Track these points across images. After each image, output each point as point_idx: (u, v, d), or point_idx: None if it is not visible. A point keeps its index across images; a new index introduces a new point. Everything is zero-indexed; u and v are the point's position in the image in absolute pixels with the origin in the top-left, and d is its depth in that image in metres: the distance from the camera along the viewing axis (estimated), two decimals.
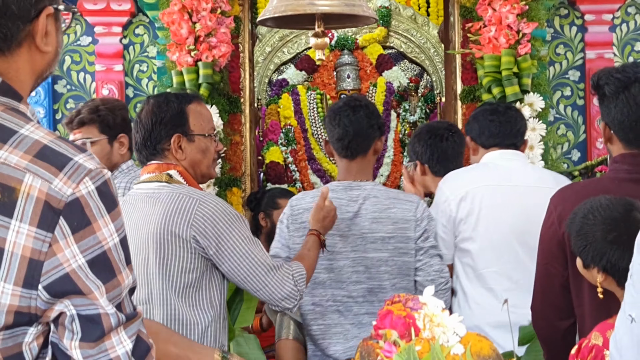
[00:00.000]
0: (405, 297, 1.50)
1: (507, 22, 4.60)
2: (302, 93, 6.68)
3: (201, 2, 4.66)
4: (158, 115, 2.64)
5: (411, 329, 1.46)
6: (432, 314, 1.49)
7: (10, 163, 1.19)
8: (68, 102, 5.32)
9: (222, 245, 2.48)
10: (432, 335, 1.47)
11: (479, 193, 3.14)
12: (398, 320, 1.46)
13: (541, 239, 2.55)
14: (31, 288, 1.20)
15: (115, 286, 1.25)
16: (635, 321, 1.60)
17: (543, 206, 3.11)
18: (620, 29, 5.32)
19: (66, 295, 1.21)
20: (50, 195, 1.19)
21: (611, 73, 2.49)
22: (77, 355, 1.23)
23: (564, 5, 5.31)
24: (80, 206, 1.21)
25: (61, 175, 1.20)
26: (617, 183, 2.42)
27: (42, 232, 1.19)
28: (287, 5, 2.60)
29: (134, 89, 5.32)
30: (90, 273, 1.22)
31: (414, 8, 6.95)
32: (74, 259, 1.20)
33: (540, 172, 3.38)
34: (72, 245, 1.20)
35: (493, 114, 3.30)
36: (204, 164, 2.68)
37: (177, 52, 4.66)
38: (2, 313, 1.18)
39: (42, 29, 1.31)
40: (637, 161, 2.43)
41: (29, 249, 1.18)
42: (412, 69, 6.93)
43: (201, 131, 2.66)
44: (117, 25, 5.26)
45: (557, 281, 2.48)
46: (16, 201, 1.18)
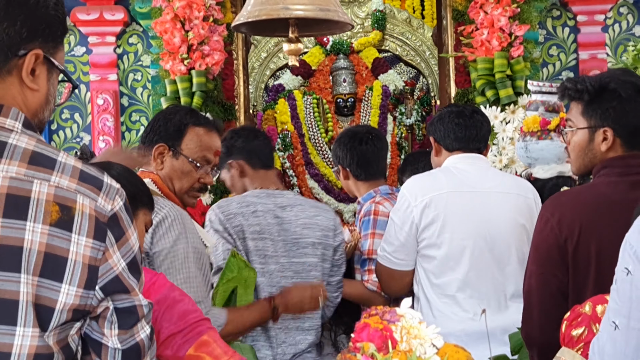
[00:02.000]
0: (382, 309, 1.50)
1: (499, 24, 4.62)
2: (299, 98, 6.68)
3: (193, 10, 4.68)
4: (160, 121, 2.65)
5: (388, 341, 1.46)
6: (410, 326, 1.49)
7: (64, 186, 1.41)
8: (63, 112, 5.34)
9: (167, 260, 2.46)
10: (409, 347, 1.47)
11: (443, 200, 3.11)
12: (375, 333, 1.47)
13: (537, 247, 2.48)
14: (90, 289, 1.43)
15: (142, 283, 1.52)
16: (618, 328, 1.61)
17: (506, 211, 3.12)
18: (612, 29, 5.33)
19: (116, 293, 1.46)
20: (97, 211, 1.43)
21: (619, 76, 2.48)
22: (114, 341, 1.48)
23: (556, 7, 5.32)
24: (117, 219, 1.46)
25: (101, 194, 1.45)
26: (612, 186, 2.41)
27: (97, 242, 1.43)
28: (261, 10, 2.58)
29: (129, 98, 5.34)
30: (129, 274, 1.48)
31: (409, 11, 6.95)
32: (119, 263, 1.46)
33: (502, 176, 3.35)
34: (116, 252, 1.45)
35: (459, 117, 3.25)
36: (178, 185, 2.64)
37: (170, 61, 4.68)
38: (65, 311, 1.41)
39: (27, 65, 1.46)
40: (627, 163, 2.43)
41: (87, 257, 1.42)
42: (407, 71, 6.93)
43: (189, 154, 2.63)
44: (110, 35, 5.29)
45: (556, 289, 2.42)
46: (74, 217, 1.41)
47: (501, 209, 3.12)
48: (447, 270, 3.10)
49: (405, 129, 6.86)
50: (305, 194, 6.27)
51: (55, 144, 5.31)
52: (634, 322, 1.58)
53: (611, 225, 2.27)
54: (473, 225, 3.08)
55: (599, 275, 2.37)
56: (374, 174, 3.54)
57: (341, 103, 6.50)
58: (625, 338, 1.60)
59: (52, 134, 5.31)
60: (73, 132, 5.35)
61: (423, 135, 6.92)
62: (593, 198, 2.44)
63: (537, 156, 3.57)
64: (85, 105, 5.33)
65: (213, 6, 4.75)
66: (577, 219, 2.41)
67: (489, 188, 3.15)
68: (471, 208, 3.06)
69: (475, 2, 4.70)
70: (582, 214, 2.42)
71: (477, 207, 3.09)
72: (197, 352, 1.91)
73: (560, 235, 2.40)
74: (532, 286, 2.51)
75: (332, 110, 6.51)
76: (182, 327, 1.95)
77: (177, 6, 4.64)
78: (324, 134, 6.42)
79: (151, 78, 5.11)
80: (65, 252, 1.40)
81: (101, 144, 5.20)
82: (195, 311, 1.99)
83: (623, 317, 1.60)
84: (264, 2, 2.57)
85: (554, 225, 2.43)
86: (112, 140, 5.22)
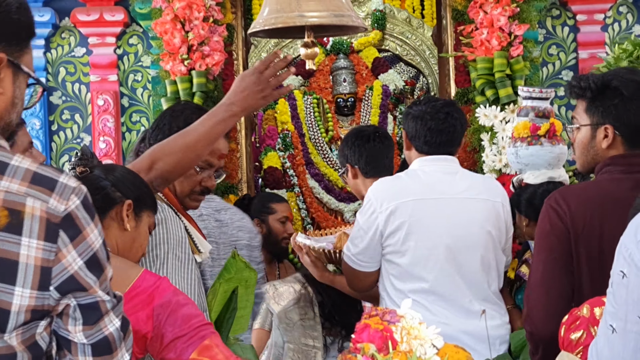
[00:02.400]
0: (383, 310, 1.51)
1: (499, 24, 4.62)
2: (299, 98, 6.69)
3: (193, 11, 4.68)
4: (166, 119, 2.61)
5: (389, 342, 1.47)
6: (410, 327, 1.50)
7: (13, 191, 1.43)
8: (63, 113, 5.35)
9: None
10: (409, 347, 1.48)
11: (409, 207, 3.10)
12: (375, 334, 1.47)
13: (545, 235, 2.50)
14: (45, 290, 1.44)
15: (105, 279, 1.51)
16: (616, 332, 1.61)
17: (473, 218, 3.12)
18: (612, 28, 5.33)
19: (71, 292, 1.47)
20: (49, 213, 1.43)
21: (623, 75, 2.49)
22: (79, 337, 1.50)
23: (556, 6, 5.32)
24: (72, 219, 1.46)
25: (54, 195, 1.45)
26: (616, 183, 2.45)
27: (48, 244, 1.43)
28: (277, 18, 2.60)
29: (129, 99, 5.35)
30: (87, 272, 1.47)
31: (409, 11, 6.95)
32: (75, 262, 1.46)
33: (471, 179, 3.29)
34: (71, 251, 1.45)
35: (433, 120, 3.21)
36: (179, 187, 2.59)
37: (170, 62, 4.69)
38: (22, 313, 1.43)
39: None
40: (629, 161, 2.46)
41: (39, 259, 1.43)
42: (407, 71, 6.93)
43: None
44: (110, 35, 5.28)
45: (564, 277, 2.44)
46: (23, 221, 1.42)
47: (468, 215, 3.12)
48: (411, 278, 3.09)
49: None
50: (306, 193, 6.28)
51: (55, 145, 5.32)
52: (631, 325, 1.57)
53: (614, 222, 2.27)
54: (438, 233, 3.06)
55: (600, 272, 2.38)
56: (382, 171, 3.53)
57: (341, 103, 6.51)
58: (622, 341, 1.59)
59: (53, 135, 5.31)
60: (73, 133, 5.35)
61: None
62: (598, 194, 2.47)
63: (527, 162, 3.57)
64: (86, 106, 5.33)
65: (213, 7, 4.76)
66: (583, 212, 2.45)
67: (457, 194, 3.14)
68: (437, 215, 3.03)
69: (475, 2, 4.70)
70: (588, 208, 2.45)
71: (443, 215, 3.07)
72: (200, 357, 1.92)
73: (567, 225, 2.43)
74: (538, 276, 2.50)
75: (333, 110, 6.53)
76: (186, 331, 1.96)
77: (177, 7, 4.65)
78: (325, 134, 6.43)
79: (151, 79, 5.11)
80: (16, 256, 1.42)
81: (102, 145, 5.20)
82: (198, 315, 2.00)
83: (620, 321, 1.60)
84: (279, 10, 2.59)
85: (562, 215, 2.45)
86: (112, 141, 5.23)
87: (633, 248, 1.57)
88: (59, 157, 5.33)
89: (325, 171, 6.54)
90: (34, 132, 5.19)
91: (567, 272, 2.45)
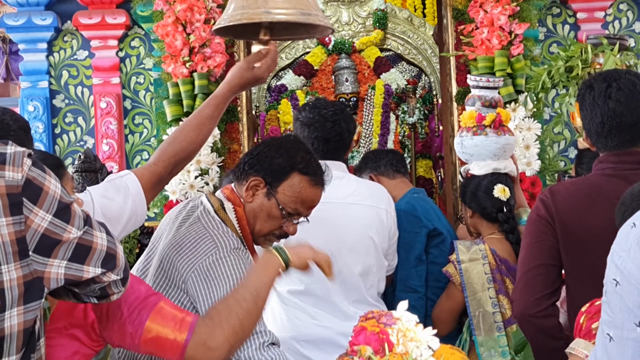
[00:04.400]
0: (379, 312, 1.53)
1: (499, 23, 4.63)
2: (301, 98, 6.71)
3: (194, 13, 4.70)
4: (271, 152, 2.49)
5: (385, 344, 1.49)
6: (406, 329, 1.52)
7: None
8: (67, 116, 5.37)
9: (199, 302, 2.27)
10: (405, 349, 1.50)
11: None
12: (372, 336, 1.49)
13: (533, 221, 2.60)
14: (25, 257, 1.49)
15: (74, 215, 1.56)
16: (613, 340, 1.61)
17: (356, 223, 3.13)
18: (612, 25, 5.34)
19: (52, 251, 1.52)
20: (8, 186, 1.47)
21: (594, 77, 2.57)
22: (92, 271, 1.58)
23: (556, 4, 5.33)
24: (31, 181, 1.50)
25: (7, 167, 1.48)
26: (605, 178, 2.52)
27: (16, 217, 1.47)
28: (242, 14, 2.56)
29: (132, 101, 5.37)
30: (58, 221, 1.52)
31: (410, 10, 6.97)
32: (44, 221, 1.50)
33: (356, 185, 3.26)
34: (38, 212, 1.50)
35: (320, 129, 3.20)
36: (258, 225, 2.46)
37: (172, 64, 4.70)
38: (14, 287, 1.48)
39: None
40: (621, 159, 2.52)
41: (12, 233, 1.47)
42: (409, 70, 6.95)
43: (282, 200, 2.46)
44: (112, 38, 5.31)
45: (544, 259, 2.53)
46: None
47: (351, 220, 3.12)
48: (289, 279, 3.06)
49: (408, 127, 6.87)
50: None
51: (59, 148, 5.34)
52: (627, 332, 1.57)
53: (599, 215, 2.40)
54: (321, 236, 2.96)
55: (582, 260, 2.49)
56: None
57: (344, 102, 6.53)
58: (620, 349, 1.59)
59: (56, 138, 5.34)
60: (77, 136, 5.38)
61: (426, 134, 6.93)
62: (586, 188, 2.55)
63: (472, 152, 3.48)
64: (89, 108, 5.35)
65: (214, 9, 4.77)
66: (569, 204, 2.53)
67: (342, 199, 3.13)
68: (320, 219, 2.96)
69: (475, 1, 4.71)
70: (574, 201, 2.53)
71: (327, 218, 3.03)
72: (153, 324, 1.86)
73: (553, 215, 2.52)
74: (521, 259, 2.61)
75: None
76: (136, 303, 1.88)
77: (178, 9, 4.66)
78: None
79: (153, 81, 5.13)
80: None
81: (105, 147, 5.23)
82: (148, 289, 1.93)
83: (617, 329, 1.60)
84: (245, 7, 2.56)
85: (548, 206, 2.54)
86: (115, 144, 5.25)
87: (624, 256, 1.58)
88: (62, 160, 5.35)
89: None
90: (38, 135, 5.22)
91: (549, 257, 2.53)
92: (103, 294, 1.65)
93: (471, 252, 3.34)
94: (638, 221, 1.61)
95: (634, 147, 2.51)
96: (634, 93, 2.48)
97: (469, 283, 3.31)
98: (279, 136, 2.98)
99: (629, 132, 2.49)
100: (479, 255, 3.32)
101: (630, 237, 1.58)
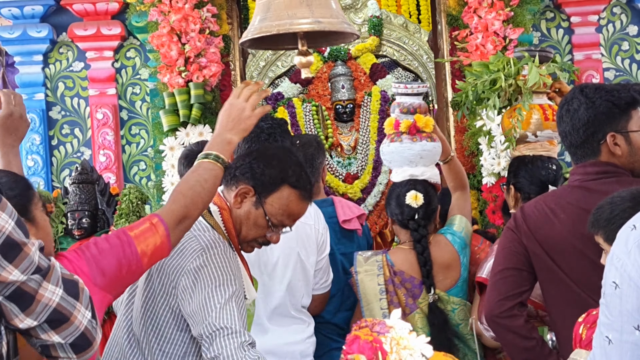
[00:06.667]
0: (372, 321, 1.53)
1: (493, 28, 4.64)
2: (298, 105, 6.71)
3: (189, 23, 4.71)
4: (262, 162, 2.49)
5: (378, 353, 1.49)
6: (399, 337, 1.52)
7: None
8: (63, 127, 5.38)
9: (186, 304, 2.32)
10: (399, 357, 1.50)
11: None
12: (365, 345, 1.50)
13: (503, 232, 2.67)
14: None
15: (25, 256, 1.48)
16: (612, 343, 1.60)
17: (283, 239, 3.11)
18: (606, 29, 5.36)
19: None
20: None
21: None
22: (29, 322, 1.50)
23: (550, 9, 5.35)
24: None
25: None
26: (569, 190, 2.58)
27: None
28: (270, 26, 2.59)
29: (128, 112, 5.38)
30: (1, 258, 1.45)
31: (405, 16, 6.99)
32: None
33: None
34: None
35: (257, 138, 3.18)
36: (244, 231, 2.48)
37: (168, 74, 4.71)
38: None
39: None
40: (585, 170, 2.55)
41: None
42: (405, 76, 6.96)
43: (270, 211, 2.46)
44: (108, 49, 5.32)
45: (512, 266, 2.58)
46: None
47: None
48: None
49: None
50: None
51: (56, 160, 5.36)
52: (626, 335, 1.57)
53: (561, 224, 2.48)
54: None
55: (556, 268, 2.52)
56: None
57: (340, 109, 6.53)
58: (619, 352, 1.59)
59: (53, 150, 5.35)
60: (74, 147, 5.39)
61: None
62: (552, 198, 2.60)
63: (389, 159, 3.45)
64: (85, 120, 5.36)
65: (209, 18, 4.78)
66: (535, 215, 2.58)
67: None
68: None
69: (469, 7, 4.72)
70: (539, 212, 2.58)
71: None
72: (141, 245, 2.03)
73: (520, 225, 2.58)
74: (492, 265, 2.68)
75: (332, 116, 6.54)
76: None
77: (173, 19, 4.68)
78: (324, 141, 6.45)
79: (149, 91, 5.14)
80: None
81: (102, 158, 5.24)
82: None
83: (616, 332, 1.59)
84: (271, 18, 2.59)
85: (519, 217, 2.60)
86: (112, 154, 5.26)
87: (625, 258, 1.57)
88: (59, 172, 5.36)
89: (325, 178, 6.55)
90: (34, 147, 5.23)
91: (515, 261, 2.58)
92: (45, 353, 1.56)
93: (367, 263, 3.32)
94: (638, 223, 1.60)
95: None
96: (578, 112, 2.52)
97: (364, 293, 3.30)
98: (271, 145, 2.97)
99: (581, 149, 2.53)
100: (375, 266, 3.31)
101: (630, 240, 1.58)
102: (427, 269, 3.28)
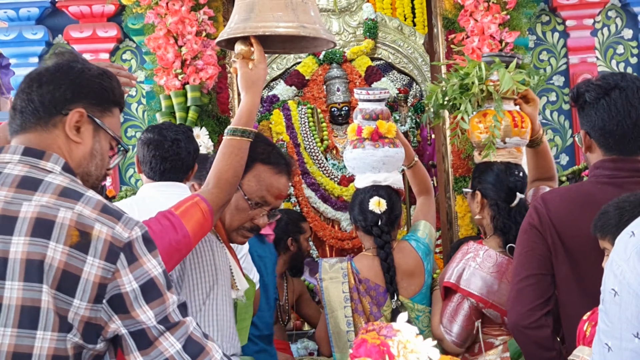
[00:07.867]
0: (379, 325, 1.54)
1: (490, 32, 4.66)
2: (293, 108, 6.71)
3: (186, 25, 4.71)
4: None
5: (386, 356, 1.50)
6: (406, 341, 1.53)
7: (85, 215, 1.64)
8: None
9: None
10: None
11: None
12: (372, 349, 1.50)
13: (524, 230, 2.60)
14: (98, 303, 1.62)
15: (161, 303, 1.68)
16: (611, 350, 1.59)
17: None
18: (601, 32, 5.38)
19: (120, 311, 1.64)
20: (114, 237, 1.64)
21: (591, 81, 2.56)
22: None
23: (545, 12, 5.37)
24: (132, 246, 1.66)
25: (120, 224, 1.67)
26: (599, 187, 2.52)
27: (108, 264, 1.63)
28: (256, 27, 2.57)
29: (124, 114, 5.36)
30: (140, 296, 1.65)
31: (400, 19, 6.99)
32: (130, 284, 1.64)
33: None
34: (128, 274, 1.64)
35: (157, 149, 3.21)
36: (228, 220, 2.53)
37: (164, 76, 4.71)
38: (76, 321, 1.61)
39: (70, 121, 1.76)
40: (616, 166, 2.52)
41: (99, 276, 1.62)
42: (401, 79, 6.96)
43: (247, 191, 2.51)
44: (104, 51, 5.31)
45: (536, 269, 2.54)
46: (90, 242, 1.62)
47: None
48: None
49: None
50: (302, 203, 6.30)
51: None
52: (626, 343, 1.55)
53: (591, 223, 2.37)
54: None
55: (575, 268, 2.49)
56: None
57: (335, 112, 6.53)
58: (619, 359, 1.58)
59: None
60: None
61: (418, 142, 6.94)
62: (579, 195, 2.55)
63: (352, 165, 3.44)
64: None
65: (205, 21, 4.79)
66: (562, 212, 2.53)
67: None
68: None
69: (465, 10, 4.74)
70: (566, 208, 2.54)
71: None
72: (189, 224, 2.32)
73: (545, 224, 2.52)
74: (514, 268, 2.62)
75: (327, 119, 6.55)
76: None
77: (170, 22, 4.68)
78: (320, 143, 6.45)
79: (146, 93, 5.14)
80: (79, 271, 1.61)
81: None
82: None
83: (615, 339, 1.58)
84: (255, 19, 2.57)
85: (541, 214, 2.54)
86: None
87: (624, 265, 1.56)
88: None
89: (321, 180, 6.56)
90: None
91: (540, 266, 2.54)
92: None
93: (332, 271, 3.33)
94: (637, 230, 1.59)
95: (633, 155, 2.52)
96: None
97: (329, 301, 3.30)
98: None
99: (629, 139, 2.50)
100: (340, 273, 3.31)
101: (629, 247, 1.57)
102: (390, 275, 3.27)
